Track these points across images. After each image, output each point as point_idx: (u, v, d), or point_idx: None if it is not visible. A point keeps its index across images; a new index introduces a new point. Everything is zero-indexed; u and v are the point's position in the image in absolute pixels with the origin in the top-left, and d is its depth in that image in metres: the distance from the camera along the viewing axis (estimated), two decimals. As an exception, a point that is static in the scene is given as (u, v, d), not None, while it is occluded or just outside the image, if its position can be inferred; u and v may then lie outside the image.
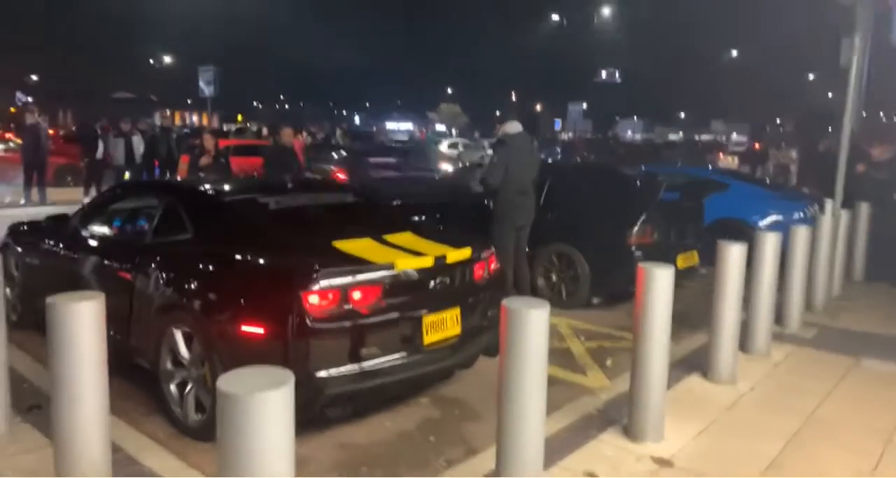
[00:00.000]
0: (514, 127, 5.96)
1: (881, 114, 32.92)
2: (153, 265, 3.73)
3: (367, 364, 3.23)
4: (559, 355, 4.93)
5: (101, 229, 4.53)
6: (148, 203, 4.32)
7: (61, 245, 4.59)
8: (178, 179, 8.08)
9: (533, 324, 2.49)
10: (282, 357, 3.08)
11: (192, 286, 3.43)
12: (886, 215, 7.36)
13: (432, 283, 3.47)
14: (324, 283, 3.10)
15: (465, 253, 3.65)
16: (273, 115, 59.85)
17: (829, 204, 6.29)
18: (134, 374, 3.97)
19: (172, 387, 3.62)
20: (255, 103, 75.48)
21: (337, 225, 3.95)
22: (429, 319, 3.43)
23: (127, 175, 12.85)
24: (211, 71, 13.12)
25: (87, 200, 12.28)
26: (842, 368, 4.68)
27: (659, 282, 3.41)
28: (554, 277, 6.31)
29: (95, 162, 12.87)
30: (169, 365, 3.62)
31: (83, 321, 2.39)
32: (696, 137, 53.62)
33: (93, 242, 4.44)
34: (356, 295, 3.20)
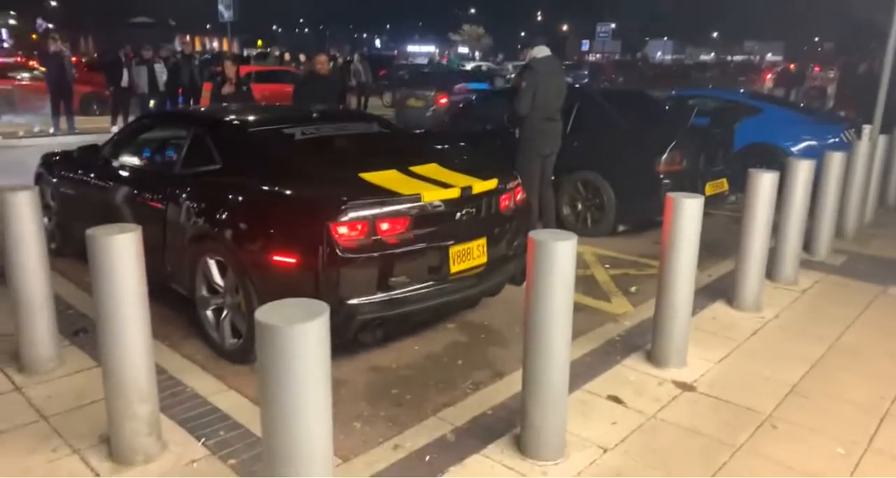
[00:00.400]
0: (541, 51, 5.78)
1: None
2: (184, 196, 3.80)
3: (396, 292, 3.31)
4: (584, 283, 4.98)
5: (131, 160, 4.59)
6: (176, 134, 4.34)
7: (93, 176, 4.67)
8: (202, 108, 7.98)
9: (559, 256, 2.51)
10: (314, 286, 3.17)
11: (223, 217, 3.49)
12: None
13: (458, 214, 3.49)
14: (352, 214, 3.14)
15: (491, 184, 3.64)
16: (294, 40, 58.60)
17: (866, 129, 6.08)
18: (171, 299, 4.13)
19: (209, 313, 3.76)
20: (274, 27, 73.77)
21: (363, 156, 3.95)
22: (455, 249, 3.47)
23: (151, 103, 12.83)
24: (230, -5, 12.83)
25: (115, 129, 12.37)
26: (868, 295, 4.67)
27: (687, 212, 3.38)
28: (580, 206, 6.29)
29: (121, 90, 12.83)
30: (204, 292, 3.74)
31: (122, 253, 2.46)
32: (729, 58, 51.41)
33: (123, 173, 4.50)
34: (384, 226, 3.24)
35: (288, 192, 3.38)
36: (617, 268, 5.47)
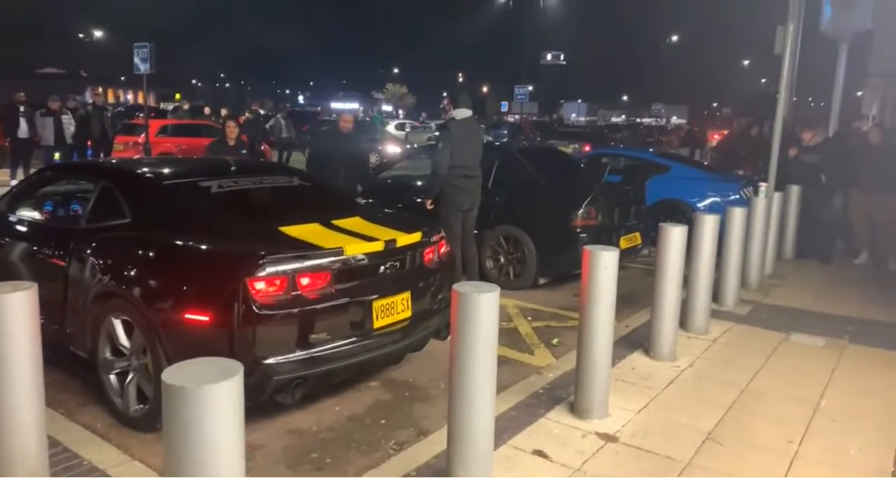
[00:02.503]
0: (462, 113, 5.96)
1: (810, 99, 34.38)
2: (88, 252, 3.58)
3: (317, 350, 3.20)
4: (507, 335, 5.01)
5: (31, 214, 4.31)
6: (82, 186, 4.13)
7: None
8: (112, 160, 7.59)
9: (483, 308, 2.51)
10: (228, 344, 3.02)
11: (132, 274, 3.31)
12: (815, 197, 7.72)
13: (382, 267, 3.46)
14: (270, 269, 3.04)
15: (415, 237, 3.64)
16: (214, 94, 57.94)
17: (762, 186, 6.55)
18: (67, 363, 3.83)
19: (112, 377, 3.50)
20: (194, 82, 72.85)
21: (283, 210, 3.88)
22: (379, 303, 3.42)
23: (57, 156, 12.22)
24: (147, 48, 12.52)
25: (14, 182, 11.66)
26: (773, 342, 4.92)
27: (604, 263, 3.48)
28: (501, 259, 6.39)
29: (19, 141, 12.12)
30: (108, 354, 3.50)
31: (15, 312, 2.27)
32: (638, 120, 54.73)
33: (21, 228, 4.22)
34: (304, 281, 3.15)
35: (202, 246, 3.26)
36: (539, 320, 5.54)
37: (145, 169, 4.15)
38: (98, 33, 49.19)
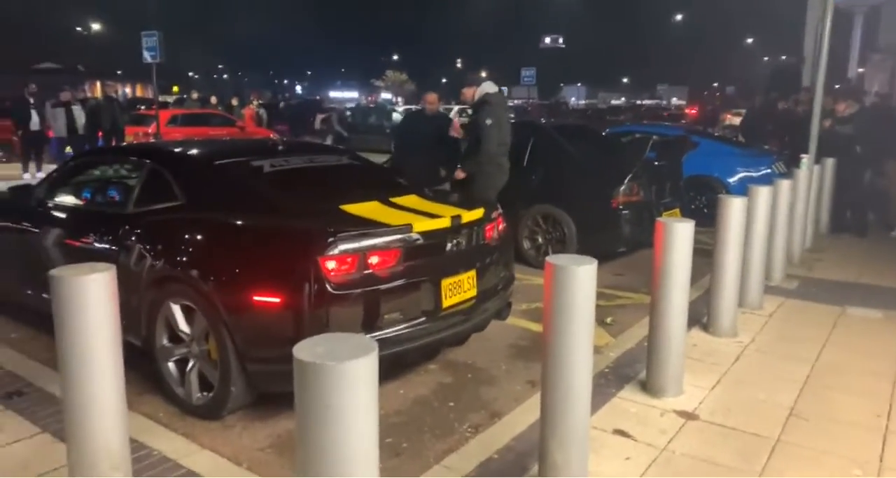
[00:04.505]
0: (491, 86, 5.81)
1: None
2: (140, 236, 3.45)
3: (389, 331, 3.07)
4: (557, 316, 4.87)
5: (72, 200, 4.17)
6: (125, 170, 3.99)
7: (25, 219, 4.21)
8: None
9: (581, 281, 2.38)
10: (300, 326, 2.90)
11: (193, 257, 3.17)
12: (850, 169, 7.57)
13: (449, 245, 3.32)
14: (342, 247, 2.91)
15: (477, 213, 3.51)
16: (212, 85, 57.51)
17: (804, 158, 6.39)
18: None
19: (171, 365, 3.38)
20: (190, 74, 72.27)
21: (340, 188, 3.73)
22: (447, 282, 3.29)
23: (68, 149, 12.05)
24: (154, 36, 12.29)
25: (27, 176, 11.49)
26: (831, 316, 4.80)
27: (679, 236, 3.35)
28: (539, 239, 6.24)
29: (31, 133, 11.97)
30: (165, 341, 3.37)
31: (95, 296, 2.14)
32: (638, 102, 54.36)
33: (62, 215, 4.08)
34: (374, 259, 3.02)
35: (268, 226, 3.12)
36: (585, 300, 5.41)
37: (194, 150, 4.00)
38: (95, 26, 48.68)
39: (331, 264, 2.89)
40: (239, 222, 3.18)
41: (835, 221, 7.75)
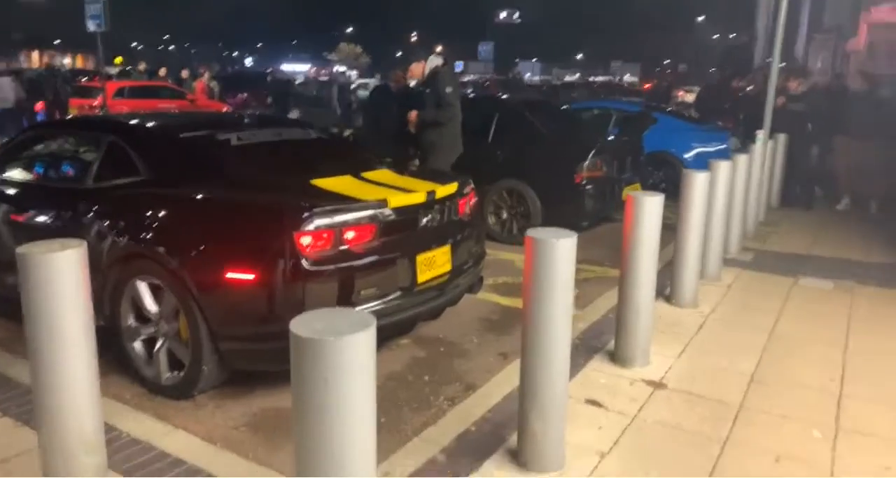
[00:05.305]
0: (439, 59, 5.80)
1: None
2: (101, 213, 3.32)
3: (364, 307, 3.05)
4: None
5: (23, 176, 3.97)
6: (82, 144, 3.81)
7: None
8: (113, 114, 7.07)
9: (561, 254, 2.41)
10: (274, 303, 2.86)
11: (161, 234, 3.07)
12: (801, 145, 7.84)
13: (424, 220, 3.31)
14: (318, 222, 2.86)
15: (451, 188, 3.50)
16: (157, 57, 55.24)
17: (759, 134, 6.58)
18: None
19: (137, 345, 3.30)
20: (134, 45, 69.25)
21: (310, 163, 3.66)
22: (422, 257, 3.28)
23: None
24: (100, 3, 11.64)
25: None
26: (785, 286, 4.99)
27: (648, 210, 3.41)
28: (505, 214, 6.28)
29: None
30: (132, 321, 3.28)
31: (67, 273, 2.05)
32: (591, 79, 54.76)
33: (11, 191, 3.89)
34: (349, 235, 2.99)
35: (240, 201, 3.04)
36: (550, 274, 5.48)
37: (157, 122, 3.85)
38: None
39: (306, 240, 2.85)
40: (210, 198, 3.10)
41: (785, 194, 8.02)
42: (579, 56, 75.24)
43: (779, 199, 8.01)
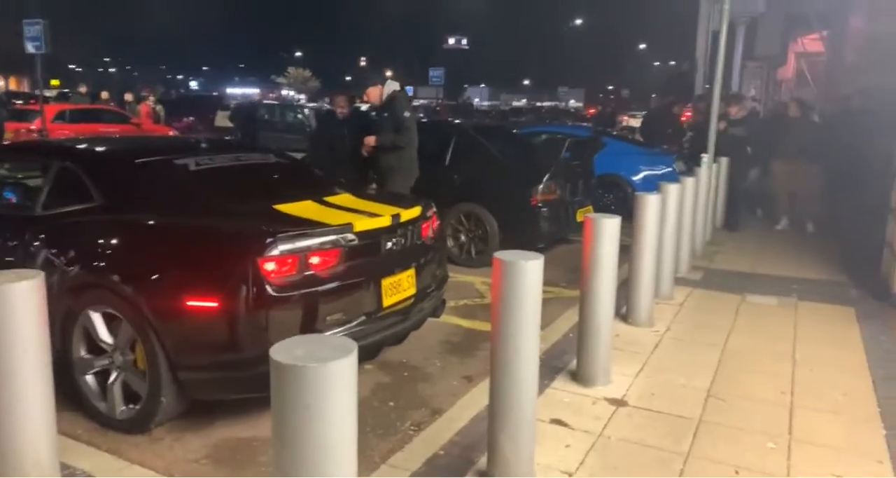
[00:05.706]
0: (396, 85, 5.87)
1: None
2: (50, 241, 3.21)
3: (330, 333, 3.02)
4: (483, 311, 4.97)
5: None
6: (25, 169, 3.68)
7: None
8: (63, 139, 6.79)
9: (529, 275, 2.46)
10: (238, 331, 2.80)
11: (116, 262, 2.98)
12: (741, 168, 8.19)
13: (389, 244, 3.31)
14: (282, 247, 2.83)
15: (415, 212, 3.52)
16: (98, 80, 53.79)
17: (704, 157, 6.86)
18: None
19: (90, 378, 3.17)
20: (72, 66, 67.29)
21: (271, 188, 3.63)
22: (387, 281, 3.28)
23: None
24: (39, 25, 11.30)
25: None
26: (733, 304, 5.18)
27: (607, 232, 3.51)
28: (462, 238, 6.33)
29: None
30: (83, 353, 3.16)
31: (22, 305, 1.97)
32: (539, 104, 56.15)
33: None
34: (314, 260, 2.96)
35: (200, 227, 2.98)
36: (509, 296, 5.54)
37: (110, 147, 3.75)
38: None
39: (270, 266, 2.81)
40: (169, 223, 3.03)
41: (728, 216, 8.34)
42: (526, 82, 77.03)
43: (723, 219, 8.32)
